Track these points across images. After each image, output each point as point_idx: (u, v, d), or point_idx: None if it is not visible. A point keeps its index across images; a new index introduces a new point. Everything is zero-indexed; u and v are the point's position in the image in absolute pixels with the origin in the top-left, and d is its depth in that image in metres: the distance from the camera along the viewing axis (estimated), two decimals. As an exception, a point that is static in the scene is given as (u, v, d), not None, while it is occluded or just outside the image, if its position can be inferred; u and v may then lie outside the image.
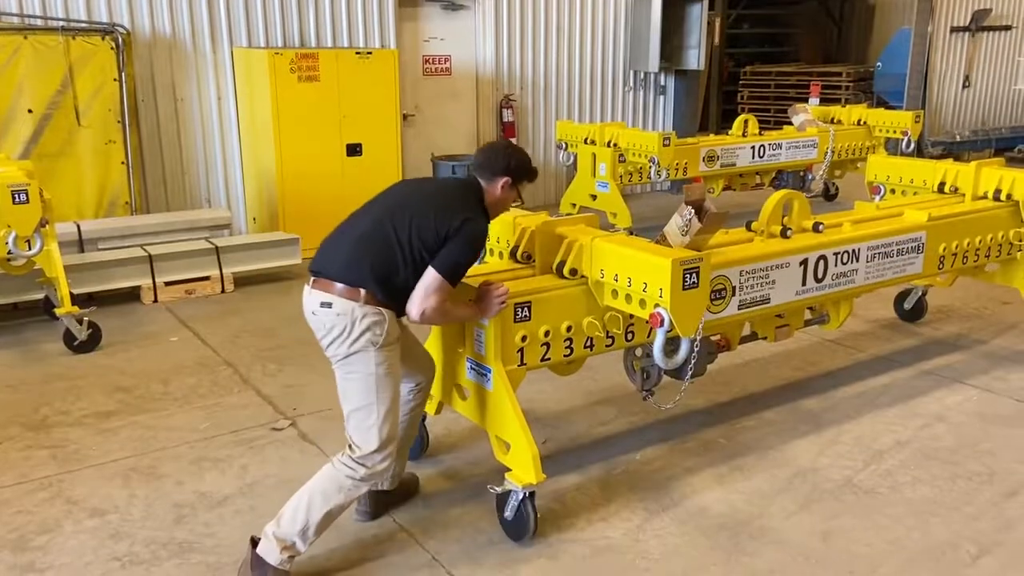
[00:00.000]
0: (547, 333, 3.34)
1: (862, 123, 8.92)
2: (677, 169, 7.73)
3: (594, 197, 7.83)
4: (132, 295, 6.32)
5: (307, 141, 7.29)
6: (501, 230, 3.71)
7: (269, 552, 2.96)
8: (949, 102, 13.86)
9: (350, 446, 3.05)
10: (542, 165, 9.57)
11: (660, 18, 9.53)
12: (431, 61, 8.95)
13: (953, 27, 13.52)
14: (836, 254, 4.00)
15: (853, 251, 4.07)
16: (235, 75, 7.65)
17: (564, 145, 8.19)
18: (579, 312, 3.41)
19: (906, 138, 8.62)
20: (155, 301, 6.31)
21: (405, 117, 8.38)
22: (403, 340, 3.24)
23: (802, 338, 4.51)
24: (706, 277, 3.16)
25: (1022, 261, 4.91)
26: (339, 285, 2.97)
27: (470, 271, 3.28)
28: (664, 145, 7.34)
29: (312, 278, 3.06)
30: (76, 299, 5.36)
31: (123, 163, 7.04)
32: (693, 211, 3.34)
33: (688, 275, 3.08)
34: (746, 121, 8.38)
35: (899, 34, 13.50)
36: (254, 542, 3.01)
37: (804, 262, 3.89)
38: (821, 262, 3.95)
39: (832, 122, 9.00)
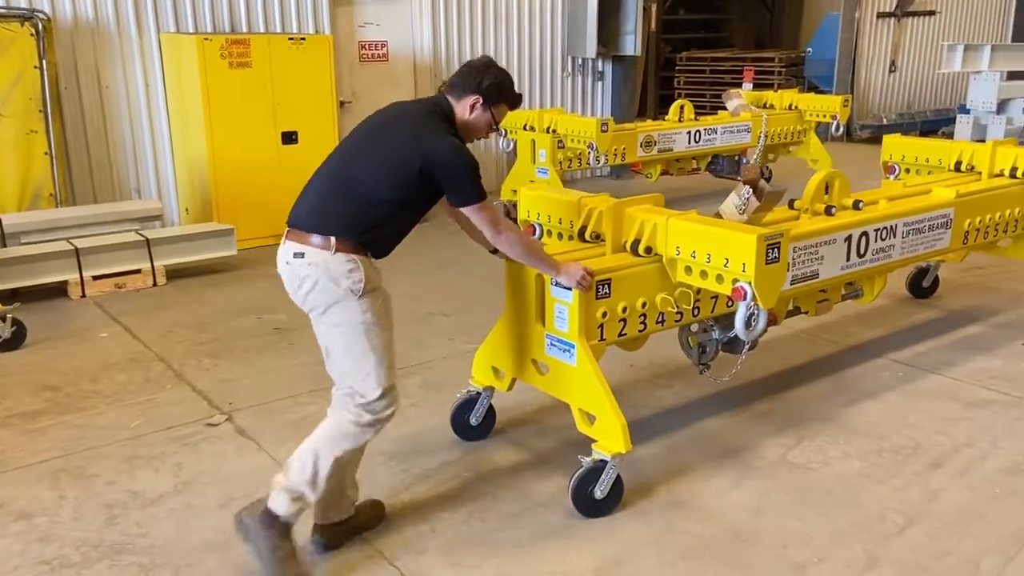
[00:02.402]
0: (624, 309, 3.45)
1: (793, 108, 9.11)
2: (615, 155, 7.80)
3: (534, 183, 7.85)
4: (59, 290, 6.11)
5: (240, 129, 7.14)
6: (564, 211, 3.77)
7: (280, 504, 2.91)
8: (876, 86, 14.24)
9: (352, 396, 2.98)
10: (482, 152, 9.54)
11: (597, 4, 9.57)
12: (367, 47, 8.83)
13: (880, 12, 13.89)
14: (876, 230, 4.17)
15: (891, 227, 4.25)
16: (163, 61, 7.43)
17: (504, 131, 8.19)
18: (653, 289, 3.53)
19: (835, 122, 8.85)
20: (83, 296, 6.12)
21: (342, 104, 8.25)
22: None
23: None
24: (786, 251, 3.31)
25: None
26: (313, 236, 2.91)
27: (555, 251, 3.47)
28: (602, 131, 7.39)
29: (287, 229, 3.01)
30: (-2, 296, 5.19)
31: (46, 154, 6.77)
32: (751, 190, 3.45)
33: (771, 250, 3.23)
34: (682, 107, 8.49)
35: (828, 20, 13.82)
36: (239, 517, 2.95)
37: (848, 238, 4.05)
38: (863, 238, 4.11)
39: (765, 107, 9.17)
